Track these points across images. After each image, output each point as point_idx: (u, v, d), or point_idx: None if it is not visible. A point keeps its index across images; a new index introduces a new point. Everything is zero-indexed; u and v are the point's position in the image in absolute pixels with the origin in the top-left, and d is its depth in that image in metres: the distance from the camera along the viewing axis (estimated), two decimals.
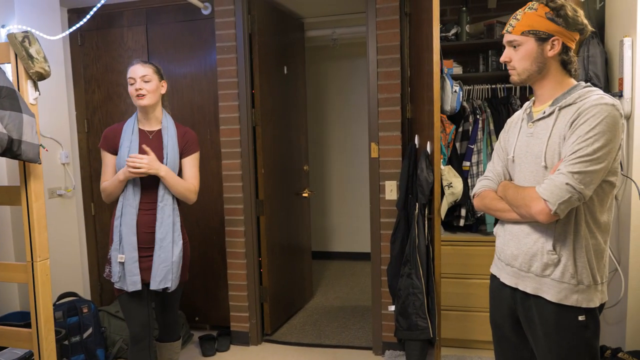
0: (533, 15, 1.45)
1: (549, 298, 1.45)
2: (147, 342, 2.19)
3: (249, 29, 3.06)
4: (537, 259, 1.47)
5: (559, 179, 1.35)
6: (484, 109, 2.96)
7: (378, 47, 2.84)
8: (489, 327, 2.80)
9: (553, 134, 1.43)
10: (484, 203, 1.65)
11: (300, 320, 3.62)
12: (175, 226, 2.18)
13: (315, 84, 5.17)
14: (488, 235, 2.89)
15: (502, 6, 3.25)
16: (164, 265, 2.14)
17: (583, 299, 1.42)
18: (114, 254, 2.13)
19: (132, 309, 2.18)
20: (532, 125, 1.53)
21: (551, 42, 1.44)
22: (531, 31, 1.45)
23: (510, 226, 1.57)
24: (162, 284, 2.14)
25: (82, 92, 3.43)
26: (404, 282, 2.51)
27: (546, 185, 1.38)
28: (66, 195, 3.15)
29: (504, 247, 1.59)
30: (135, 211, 2.12)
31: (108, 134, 2.21)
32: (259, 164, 3.18)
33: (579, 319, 1.43)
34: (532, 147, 1.50)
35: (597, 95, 1.39)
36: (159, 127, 2.22)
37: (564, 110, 1.43)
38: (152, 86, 2.13)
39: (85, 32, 3.34)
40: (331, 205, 5.35)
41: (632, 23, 2.18)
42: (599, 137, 1.33)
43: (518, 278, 1.53)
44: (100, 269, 3.51)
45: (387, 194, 2.90)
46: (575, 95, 1.42)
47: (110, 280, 2.16)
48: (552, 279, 1.44)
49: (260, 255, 3.23)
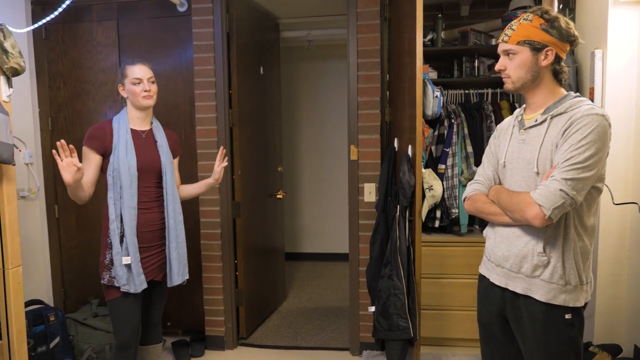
0: (528, 26, 1.50)
1: (538, 298, 1.51)
2: (134, 349, 2.14)
3: (227, 28, 3.01)
4: (528, 260, 1.52)
5: (553, 185, 1.40)
6: (458, 114, 3.05)
7: (359, 50, 2.87)
8: (464, 325, 2.94)
9: (545, 141, 1.49)
10: (475, 206, 1.70)
11: (275, 322, 3.59)
12: (181, 220, 2.29)
13: (288, 85, 5.15)
14: (462, 236, 2.98)
15: (474, 14, 3.37)
16: (181, 260, 2.25)
17: (570, 298, 1.49)
18: (117, 257, 2.06)
19: (128, 313, 2.12)
20: (524, 132, 1.58)
21: (545, 52, 1.50)
22: (526, 41, 1.50)
23: (500, 229, 1.62)
24: (181, 278, 2.26)
25: (46, 89, 3.25)
26: (384, 283, 2.55)
27: (541, 191, 1.43)
28: (30, 197, 2.99)
29: (495, 248, 1.64)
30: (135, 212, 2.10)
31: (96, 133, 2.12)
32: (235, 166, 3.14)
33: (566, 318, 1.50)
34: (524, 154, 1.56)
35: (588, 105, 1.46)
36: (149, 127, 2.25)
37: (555, 118, 1.49)
38: (156, 87, 2.20)
39: (50, 25, 3.16)
40: (302, 206, 5.35)
41: (602, 36, 2.31)
42: (590, 146, 1.39)
43: (508, 278, 1.58)
44: (64, 274, 3.35)
45: (366, 196, 2.93)
46: (566, 105, 1.49)
47: (114, 285, 2.09)
48: (541, 279, 1.50)
49: (237, 257, 3.19)
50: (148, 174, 2.15)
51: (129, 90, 2.14)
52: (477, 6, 3.37)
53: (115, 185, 2.08)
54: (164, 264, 2.24)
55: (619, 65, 2.29)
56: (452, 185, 2.99)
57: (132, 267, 2.08)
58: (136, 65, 2.14)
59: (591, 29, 2.43)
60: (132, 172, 2.09)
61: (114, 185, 2.08)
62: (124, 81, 2.15)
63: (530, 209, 1.44)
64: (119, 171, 2.07)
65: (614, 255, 2.39)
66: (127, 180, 2.08)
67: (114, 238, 2.07)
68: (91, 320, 2.94)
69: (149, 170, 2.16)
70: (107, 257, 2.10)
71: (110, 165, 2.09)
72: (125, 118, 2.17)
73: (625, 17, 2.26)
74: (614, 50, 2.28)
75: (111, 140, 2.11)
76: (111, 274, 2.09)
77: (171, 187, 2.23)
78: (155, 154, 2.19)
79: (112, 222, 2.07)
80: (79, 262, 3.34)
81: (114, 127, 2.13)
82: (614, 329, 2.43)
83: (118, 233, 2.07)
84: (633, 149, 2.32)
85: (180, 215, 2.27)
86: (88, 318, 2.95)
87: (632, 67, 2.28)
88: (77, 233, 3.33)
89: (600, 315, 2.42)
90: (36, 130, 3.19)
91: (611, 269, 2.39)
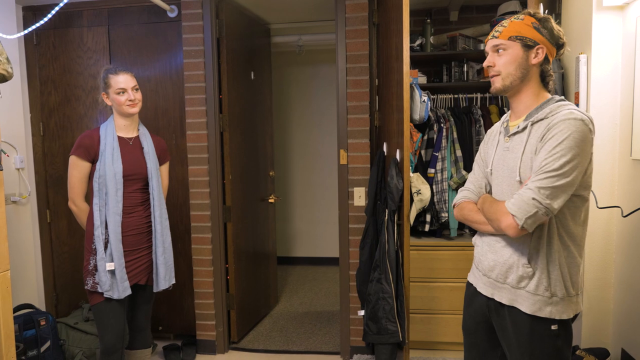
0: (520, 24, 1.49)
1: (523, 309, 1.47)
2: (120, 354, 2.15)
3: (217, 34, 3.03)
4: (513, 271, 1.49)
5: (526, 194, 1.38)
6: (447, 118, 3.07)
7: (347, 55, 2.89)
8: (453, 329, 2.95)
9: (526, 150, 1.46)
10: (462, 214, 1.68)
11: (267, 327, 3.60)
12: (167, 226, 2.31)
13: (279, 90, 5.17)
14: (452, 240, 3.00)
15: (462, 20, 3.40)
16: (168, 264, 2.27)
17: (556, 311, 1.44)
18: (101, 263, 2.07)
19: (111, 317, 2.13)
20: (508, 139, 1.55)
21: (536, 50, 1.48)
22: (518, 37, 1.48)
23: (487, 238, 1.60)
24: (168, 282, 2.27)
25: (38, 94, 3.26)
26: (373, 287, 2.56)
27: (514, 200, 1.40)
28: (21, 202, 2.99)
29: (482, 257, 1.62)
30: (120, 218, 2.11)
31: (85, 142, 2.14)
32: (226, 170, 3.15)
33: (552, 329, 1.45)
34: (508, 161, 1.53)
35: (567, 110, 1.41)
36: (136, 134, 2.27)
37: (536, 125, 1.46)
38: (140, 94, 2.22)
39: (41, 31, 3.18)
40: (294, 210, 5.36)
41: (587, 41, 2.34)
42: (565, 152, 1.35)
43: (494, 289, 1.56)
44: (56, 279, 3.35)
45: (356, 200, 2.94)
46: (547, 110, 1.45)
47: (97, 290, 2.10)
48: (526, 290, 1.47)
49: (227, 262, 3.20)
50: (134, 180, 2.18)
51: (113, 99, 2.16)
52: (466, 11, 3.41)
53: (100, 192, 2.10)
54: (149, 268, 2.25)
55: (603, 69, 2.31)
56: (441, 190, 3.01)
57: (116, 273, 2.09)
58: (119, 74, 2.15)
59: (576, 34, 2.46)
60: (118, 179, 2.11)
61: (99, 191, 2.10)
62: (108, 90, 2.17)
63: (504, 218, 1.42)
64: (105, 178, 2.09)
65: (600, 259, 2.40)
66: (112, 187, 2.10)
67: (98, 244, 2.08)
68: (82, 324, 2.94)
69: (135, 176, 2.18)
70: (91, 263, 2.11)
71: (96, 172, 2.11)
72: (112, 125, 2.19)
73: (609, 22, 2.29)
74: (598, 55, 2.30)
75: (98, 147, 2.13)
76: (95, 279, 2.10)
77: (158, 192, 2.24)
78: (141, 161, 2.21)
79: (97, 228, 2.08)
80: (70, 267, 3.34)
81: (101, 135, 2.15)
82: (601, 332, 2.44)
83: (102, 239, 2.09)
84: (618, 153, 2.33)
85: (166, 221, 2.29)
86: (79, 322, 2.95)
87: (616, 72, 2.30)
88: (69, 238, 3.33)
89: (587, 319, 2.43)
90: (27, 135, 3.20)
91: (597, 273, 2.41)
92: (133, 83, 2.19)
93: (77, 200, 2.18)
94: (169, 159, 2.43)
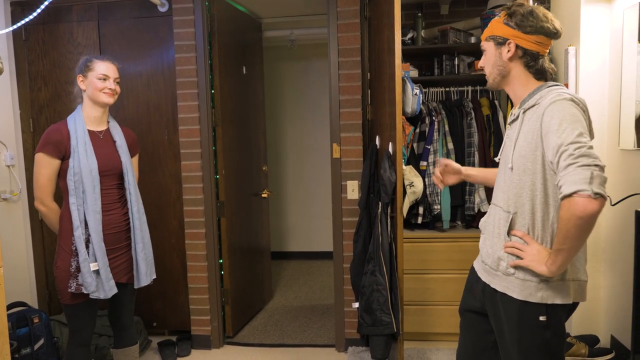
0: (495, 22, 1.52)
1: (515, 296, 1.47)
2: (90, 347, 2.18)
3: (208, 28, 3.02)
4: (504, 258, 1.50)
5: (566, 171, 1.28)
6: (439, 111, 3.09)
7: (339, 49, 2.90)
8: (447, 319, 2.98)
9: (519, 137, 1.47)
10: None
11: (262, 321, 3.61)
12: (145, 221, 2.25)
13: (271, 84, 5.16)
14: (444, 232, 3.02)
15: (453, 13, 3.42)
16: (148, 260, 2.22)
17: (548, 295, 1.43)
18: (85, 264, 2.00)
19: (88, 317, 2.11)
20: (509, 127, 1.58)
21: (507, 45, 1.49)
22: (491, 36, 1.52)
23: (487, 225, 1.62)
24: (149, 278, 2.23)
25: (27, 90, 3.23)
26: (367, 279, 2.58)
27: (563, 187, 1.29)
28: (11, 199, 2.97)
29: (482, 244, 1.64)
30: (100, 217, 2.05)
31: (54, 138, 2.02)
32: (219, 165, 3.15)
33: (540, 319, 1.44)
34: (506, 149, 1.55)
35: (556, 92, 1.40)
36: (106, 127, 2.19)
37: (528, 112, 1.46)
38: (119, 90, 2.16)
39: (30, 26, 3.15)
40: (288, 205, 5.37)
41: (575, 34, 2.37)
42: (573, 125, 1.31)
43: (490, 276, 1.58)
44: (49, 276, 3.33)
45: (349, 193, 2.96)
46: (537, 97, 1.45)
47: (82, 292, 2.04)
48: (516, 277, 1.48)
49: (222, 257, 3.20)
50: (109, 176, 2.10)
51: (91, 83, 2.05)
52: (457, 5, 3.42)
53: (77, 190, 2.00)
54: (129, 266, 2.19)
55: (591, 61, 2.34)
56: (433, 182, 3.02)
57: (100, 273, 2.02)
58: (105, 61, 2.09)
59: (565, 27, 2.48)
60: (94, 175, 2.02)
61: (76, 190, 2.00)
62: (87, 74, 2.06)
63: (573, 207, 1.26)
64: (80, 175, 1.99)
65: (589, 248, 2.44)
66: (89, 184, 2.01)
67: (79, 244, 2.00)
68: None
69: (110, 172, 2.10)
70: (73, 265, 2.03)
71: (70, 170, 2.00)
72: (81, 118, 2.07)
73: (597, 14, 2.32)
74: (586, 47, 2.34)
75: (69, 142, 2.03)
76: (78, 281, 2.02)
77: (134, 187, 2.17)
78: (115, 155, 2.13)
79: (77, 228, 2.00)
80: None
81: (70, 129, 2.04)
82: (591, 319, 2.49)
83: (83, 239, 2.01)
84: (607, 144, 2.37)
85: (144, 216, 2.23)
86: None
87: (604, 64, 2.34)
88: None
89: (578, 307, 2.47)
90: (17, 131, 3.17)
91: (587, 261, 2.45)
92: (116, 75, 2.12)
93: (47, 200, 2.06)
94: (138, 151, 2.35)
